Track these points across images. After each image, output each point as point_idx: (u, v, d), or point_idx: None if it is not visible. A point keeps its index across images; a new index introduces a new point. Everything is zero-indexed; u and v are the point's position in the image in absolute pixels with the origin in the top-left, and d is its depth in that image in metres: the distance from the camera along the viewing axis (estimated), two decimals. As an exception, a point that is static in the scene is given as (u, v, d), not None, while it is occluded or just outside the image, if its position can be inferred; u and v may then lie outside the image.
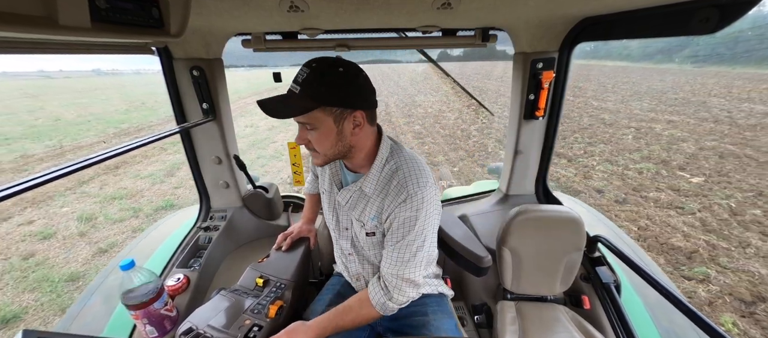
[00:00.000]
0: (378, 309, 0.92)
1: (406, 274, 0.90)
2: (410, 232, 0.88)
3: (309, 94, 0.77)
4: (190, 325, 0.92)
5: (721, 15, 0.70)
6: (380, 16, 1.01)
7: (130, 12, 0.63)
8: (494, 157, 6.30)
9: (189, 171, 1.56)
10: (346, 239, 1.07)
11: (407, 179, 0.88)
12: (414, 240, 0.89)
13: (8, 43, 0.60)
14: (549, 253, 1.24)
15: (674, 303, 0.93)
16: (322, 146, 0.85)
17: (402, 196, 0.87)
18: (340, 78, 0.79)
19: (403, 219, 0.88)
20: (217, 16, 0.98)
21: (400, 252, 0.90)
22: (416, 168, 0.91)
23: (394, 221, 0.89)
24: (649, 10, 0.88)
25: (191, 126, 1.30)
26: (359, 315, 0.93)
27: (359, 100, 0.82)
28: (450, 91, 15.94)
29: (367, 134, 0.89)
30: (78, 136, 9.41)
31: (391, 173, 0.91)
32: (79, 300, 1.32)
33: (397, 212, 0.88)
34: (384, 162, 0.93)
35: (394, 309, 0.93)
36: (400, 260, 0.90)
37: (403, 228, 0.88)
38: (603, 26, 1.08)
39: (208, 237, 1.48)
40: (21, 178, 0.61)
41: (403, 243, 0.89)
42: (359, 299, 0.95)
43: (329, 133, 0.83)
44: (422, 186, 0.87)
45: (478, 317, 1.41)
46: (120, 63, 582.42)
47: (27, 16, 0.48)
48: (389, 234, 0.92)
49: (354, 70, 0.81)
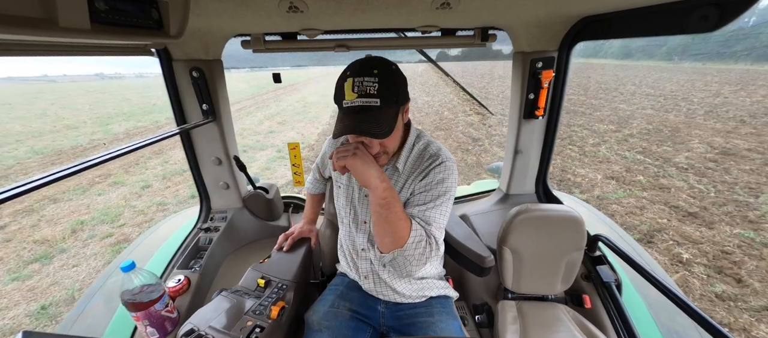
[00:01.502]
0: (412, 239, 0.83)
1: (434, 215, 0.89)
2: (446, 192, 0.91)
3: (392, 101, 0.80)
4: (192, 326, 0.92)
5: (720, 13, 0.71)
6: (379, 16, 1.01)
7: (130, 13, 0.63)
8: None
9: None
10: (363, 233, 1.07)
11: (440, 151, 0.97)
12: (442, 202, 0.91)
13: (8, 45, 0.60)
14: (550, 253, 1.24)
15: (675, 301, 0.93)
16: (393, 144, 0.92)
17: (438, 161, 0.94)
18: (398, 76, 0.83)
19: (439, 179, 0.92)
20: (216, 17, 0.98)
21: (432, 210, 0.89)
22: (443, 148, 0.99)
23: (430, 183, 0.92)
24: (648, 9, 0.88)
25: (191, 127, 1.30)
26: (395, 221, 0.83)
27: (407, 92, 0.88)
28: (451, 93, 15.96)
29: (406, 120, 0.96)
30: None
31: (421, 150, 0.99)
32: (80, 302, 1.32)
33: (433, 174, 0.92)
34: (413, 143, 1.00)
35: (434, 238, 0.87)
36: (432, 200, 0.90)
37: (440, 188, 0.91)
38: (602, 25, 1.08)
39: (209, 239, 1.48)
40: (22, 179, 0.61)
41: (433, 203, 0.90)
42: (403, 216, 0.85)
43: (399, 130, 0.89)
44: (451, 159, 0.95)
45: (479, 316, 1.41)
46: (122, 66, 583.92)
47: (27, 18, 0.48)
48: (419, 195, 0.92)
49: (393, 63, 0.86)
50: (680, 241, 3.24)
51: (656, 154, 6.11)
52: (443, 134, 8.05)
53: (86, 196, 4.81)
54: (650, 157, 5.95)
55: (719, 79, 20.63)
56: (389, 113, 0.80)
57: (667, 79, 21.62)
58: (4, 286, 2.83)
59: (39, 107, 17.73)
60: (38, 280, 2.91)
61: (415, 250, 0.85)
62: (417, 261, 0.86)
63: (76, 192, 4.94)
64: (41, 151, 8.00)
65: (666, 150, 6.32)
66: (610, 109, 10.70)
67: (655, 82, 19.46)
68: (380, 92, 0.78)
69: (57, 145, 8.73)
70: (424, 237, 0.86)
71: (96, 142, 9.03)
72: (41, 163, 7.02)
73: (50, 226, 3.94)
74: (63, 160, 7.44)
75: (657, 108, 10.68)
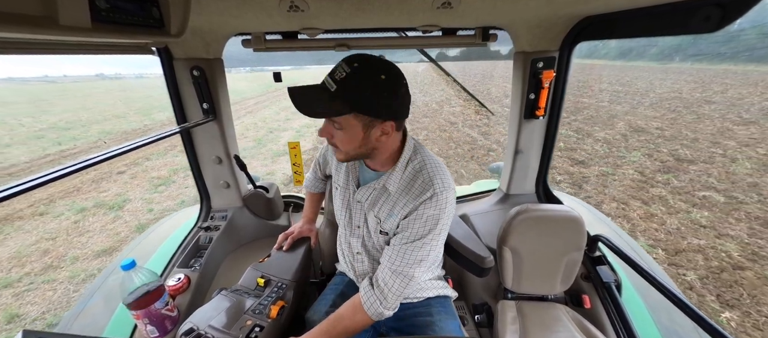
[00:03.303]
0: (373, 318, 0.88)
1: (413, 274, 0.87)
2: (431, 231, 0.86)
3: (344, 97, 0.74)
4: (191, 325, 0.92)
5: (722, 13, 0.70)
6: (380, 16, 1.01)
7: (131, 12, 0.63)
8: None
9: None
10: (356, 237, 1.06)
11: (433, 177, 0.87)
12: (432, 239, 0.87)
13: (8, 43, 0.60)
14: (549, 253, 1.24)
15: (675, 302, 0.93)
16: (346, 147, 0.85)
17: (428, 194, 0.85)
18: (379, 86, 0.74)
19: (427, 217, 0.86)
20: (217, 16, 0.98)
21: (413, 251, 0.87)
22: (440, 168, 0.90)
23: (416, 219, 0.87)
24: (650, 9, 0.87)
25: (192, 126, 1.30)
26: (353, 322, 0.89)
27: (393, 111, 0.79)
28: (452, 93, 16.24)
29: (395, 139, 0.88)
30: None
31: (415, 172, 0.90)
32: (80, 301, 1.32)
33: (422, 210, 0.86)
34: (407, 161, 0.92)
35: (390, 315, 0.90)
36: (412, 259, 0.87)
37: (426, 227, 0.86)
38: (603, 25, 1.08)
39: (209, 237, 1.48)
40: (21, 179, 0.61)
41: (420, 242, 0.86)
42: (353, 306, 0.91)
43: (355, 137, 0.81)
44: (447, 188, 0.86)
45: (479, 316, 1.41)
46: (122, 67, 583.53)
47: (27, 16, 0.47)
48: (404, 232, 0.89)
49: (396, 78, 0.77)
50: (560, 173, 5.46)
51: (585, 131, 7.98)
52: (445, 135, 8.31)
53: (169, 156, 7.14)
54: (579, 133, 7.81)
55: (694, 77, 22.91)
56: (335, 106, 0.75)
57: (644, 78, 23.20)
58: (151, 195, 5.17)
59: (72, 103, 20.03)
60: (168, 194, 5.18)
61: (388, 312, 0.89)
62: (396, 298, 0.89)
63: (159, 155, 7.14)
64: (110, 132, 10.58)
65: (594, 129, 8.16)
66: (574, 101, 12.53)
67: (630, 80, 21.14)
68: (342, 82, 0.73)
69: (118, 128, 11.22)
70: (377, 302, 0.88)
71: (149, 127, 11.52)
72: (119, 140, 9.14)
73: (156, 170, 6.26)
74: (135, 137, 8.70)
75: (611, 101, 12.72)
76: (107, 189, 5.40)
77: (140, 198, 5.02)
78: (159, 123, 12.02)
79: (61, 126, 11.93)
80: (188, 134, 1.45)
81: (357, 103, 0.75)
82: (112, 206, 4.71)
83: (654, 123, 8.62)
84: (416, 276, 0.88)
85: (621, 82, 20.05)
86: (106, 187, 5.47)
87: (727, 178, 5.01)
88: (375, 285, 0.90)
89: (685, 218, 3.89)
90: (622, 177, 5.17)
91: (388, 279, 0.88)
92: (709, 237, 3.46)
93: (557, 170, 5.51)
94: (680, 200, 4.35)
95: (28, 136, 10.07)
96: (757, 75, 22.73)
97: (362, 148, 0.84)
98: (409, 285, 0.89)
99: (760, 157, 5.86)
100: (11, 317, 2.59)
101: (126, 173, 6.16)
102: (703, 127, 8.12)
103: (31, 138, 9.86)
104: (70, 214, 4.47)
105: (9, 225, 4.13)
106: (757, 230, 3.56)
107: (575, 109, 10.76)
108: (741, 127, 8.02)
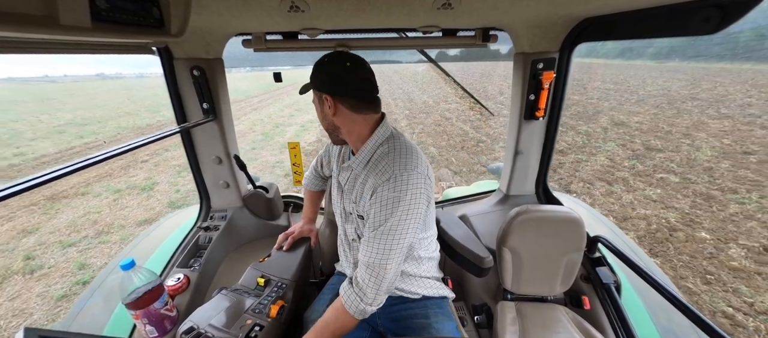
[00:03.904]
0: (356, 316, 0.88)
1: (387, 266, 0.85)
2: (393, 214, 0.84)
3: (313, 82, 0.94)
4: (192, 324, 0.92)
5: (722, 15, 0.70)
6: (380, 17, 1.01)
7: (131, 12, 0.63)
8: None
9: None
10: (350, 223, 1.07)
11: (396, 161, 0.89)
12: (398, 224, 0.84)
13: (9, 43, 0.60)
14: (549, 254, 1.24)
15: (674, 303, 0.93)
16: (323, 123, 1.00)
17: (386, 175, 0.87)
18: (327, 68, 0.91)
19: (386, 199, 0.85)
20: (217, 16, 0.98)
21: (381, 240, 0.85)
22: (410, 154, 0.90)
23: (376, 201, 0.87)
24: (650, 10, 0.88)
25: (191, 126, 1.30)
26: (338, 326, 0.89)
27: (329, 87, 0.91)
28: (450, 91, 16.39)
29: (353, 120, 0.93)
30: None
31: (382, 155, 0.93)
32: (80, 300, 1.32)
33: (380, 191, 0.86)
34: (377, 145, 0.95)
35: (374, 311, 0.89)
36: (382, 249, 0.85)
37: (385, 211, 0.85)
38: (603, 26, 1.08)
39: (209, 237, 1.48)
40: (21, 179, 0.61)
41: (385, 229, 0.84)
42: (334, 310, 0.90)
43: (318, 110, 0.98)
44: (410, 170, 0.86)
45: (478, 317, 1.41)
46: (123, 67, 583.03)
47: (27, 15, 0.48)
48: (368, 218, 0.89)
49: (345, 64, 0.90)
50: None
51: (569, 125, 8.28)
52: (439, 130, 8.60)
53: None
54: (562, 127, 8.63)
55: (688, 76, 22.81)
56: (310, 87, 0.97)
57: (639, 77, 23.41)
58: (175, 178, 5.76)
59: (82, 102, 20.75)
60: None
61: (372, 309, 0.89)
62: (375, 293, 0.88)
63: (176, 147, 7.45)
64: (126, 128, 11.10)
65: (578, 123, 8.53)
66: (566, 98, 12.85)
67: (624, 79, 21.42)
68: (312, 71, 0.95)
69: (132, 124, 11.85)
70: (357, 299, 0.87)
71: (161, 123, 12.02)
72: (136, 134, 9.53)
73: (176, 159, 6.80)
74: (149, 132, 9.11)
75: (600, 98, 13.17)
76: (135, 174, 6.04)
77: (166, 181, 5.65)
78: (169, 119, 12.37)
79: (78, 122, 12.62)
80: (188, 134, 1.45)
81: (313, 80, 0.94)
82: (144, 188, 5.35)
83: (636, 118, 9.03)
84: (390, 269, 0.86)
85: (614, 81, 20.29)
86: (134, 173, 6.13)
87: (686, 164, 5.47)
88: (353, 282, 0.90)
89: (640, 195, 4.40)
90: (594, 163, 5.69)
91: (364, 273, 0.88)
92: (655, 209, 4.01)
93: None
94: (640, 181, 4.84)
95: (49, 131, 10.72)
96: (749, 74, 22.86)
97: (324, 121, 0.98)
98: (386, 278, 0.86)
99: (724, 147, 6.25)
100: (81, 265, 3.27)
101: (149, 162, 6.81)
102: (679, 122, 8.50)
103: (53, 133, 10.48)
104: (107, 194, 5.10)
105: (58, 202, 4.78)
106: (698, 203, 4.12)
107: (565, 106, 11.11)
108: (715, 121, 8.41)
